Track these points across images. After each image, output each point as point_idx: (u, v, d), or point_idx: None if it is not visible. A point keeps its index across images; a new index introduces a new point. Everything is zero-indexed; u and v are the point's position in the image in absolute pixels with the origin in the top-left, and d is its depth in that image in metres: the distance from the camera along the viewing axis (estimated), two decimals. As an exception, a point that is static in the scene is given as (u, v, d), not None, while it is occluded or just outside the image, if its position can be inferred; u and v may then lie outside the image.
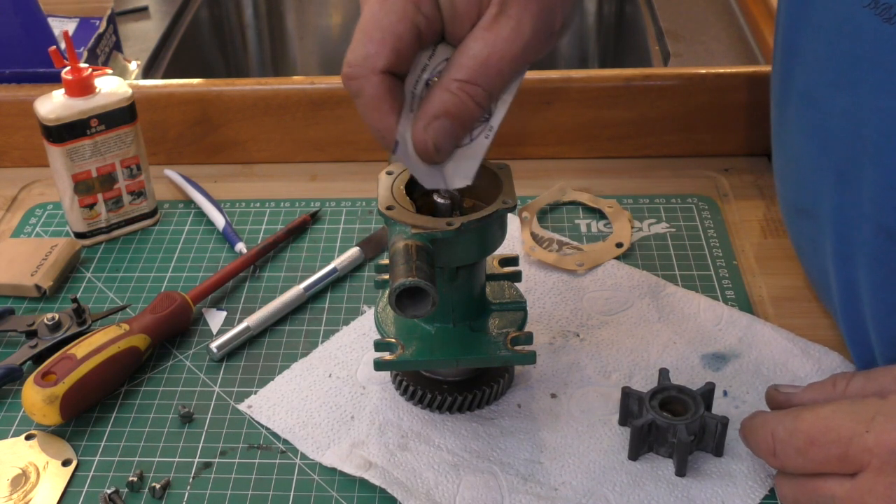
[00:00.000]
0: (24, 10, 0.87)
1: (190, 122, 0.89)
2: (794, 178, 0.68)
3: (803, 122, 0.64)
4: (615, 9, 1.36)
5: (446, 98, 0.51)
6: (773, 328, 0.67)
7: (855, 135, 0.57)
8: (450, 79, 0.52)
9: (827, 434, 0.49)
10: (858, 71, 0.56)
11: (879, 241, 0.58)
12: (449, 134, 0.52)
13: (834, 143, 0.60)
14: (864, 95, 0.56)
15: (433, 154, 0.52)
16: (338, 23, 1.47)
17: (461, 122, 0.52)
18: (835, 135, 0.60)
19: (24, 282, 0.74)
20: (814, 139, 0.63)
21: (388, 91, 0.51)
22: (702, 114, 0.87)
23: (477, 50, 0.51)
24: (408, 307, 0.53)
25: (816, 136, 0.62)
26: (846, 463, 0.49)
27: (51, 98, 0.75)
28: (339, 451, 0.60)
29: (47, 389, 0.61)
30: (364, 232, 0.80)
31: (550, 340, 0.68)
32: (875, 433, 0.48)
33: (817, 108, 0.61)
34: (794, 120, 0.66)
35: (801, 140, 0.65)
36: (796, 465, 0.51)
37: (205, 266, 0.77)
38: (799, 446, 0.50)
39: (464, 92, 0.51)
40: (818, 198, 0.63)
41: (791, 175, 0.69)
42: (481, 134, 0.55)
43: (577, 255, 0.75)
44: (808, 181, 0.65)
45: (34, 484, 0.60)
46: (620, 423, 0.61)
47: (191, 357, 0.69)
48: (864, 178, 0.57)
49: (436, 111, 0.51)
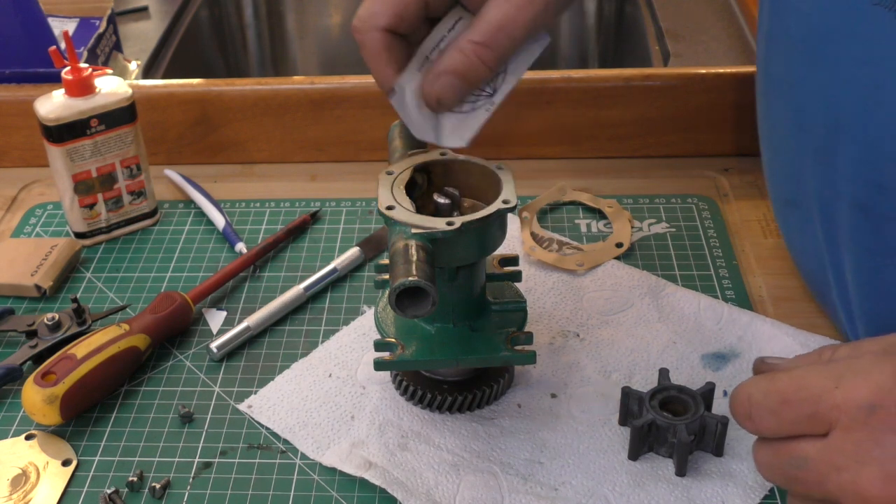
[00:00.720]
0: (24, 10, 0.87)
1: (190, 122, 0.89)
2: (779, 169, 0.69)
3: (781, 106, 0.65)
4: (615, 9, 1.36)
5: (457, 57, 0.56)
6: (774, 324, 0.67)
7: (829, 112, 0.58)
8: (465, 40, 0.56)
9: (799, 392, 0.48)
10: (832, 45, 0.57)
11: (856, 218, 0.58)
12: (454, 89, 0.56)
13: (810, 124, 0.61)
14: (838, 70, 0.57)
15: (434, 105, 0.57)
16: (338, 23, 1.47)
17: (468, 81, 0.56)
18: (811, 115, 0.60)
19: (24, 282, 0.74)
20: (792, 123, 0.63)
21: (386, 47, 0.57)
22: (702, 114, 0.87)
23: (492, 15, 0.55)
24: (408, 307, 0.53)
25: (794, 120, 0.63)
26: (817, 422, 0.47)
27: (51, 98, 0.75)
28: (339, 451, 0.60)
29: (47, 389, 0.61)
30: (364, 232, 0.80)
31: (550, 340, 0.68)
32: (843, 389, 0.46)
33: (794, 90, 0.62)
34: (773, 107, 0.67)
35: (782, 126, 0.66)
36: (770, 427, 0.49)
37: (205, 266, 0.77)
38: (772, 406, 0.49)
39: (475, 53, 0.55)
40: (801, 184, 0.63)
41: (776, 165, 0.69)
42: (483, 107, 0.58)
43: (577, 255, 0.75)
44: (790, 168, 0.65)
45: (34, 484, 0.60)
46: (620, 423, 0.61)
47: (191, 357, 0.69)
48: (839, 155, 0.58)
49: (445, 67, 0.56)
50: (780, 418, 0.49)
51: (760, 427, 0.50)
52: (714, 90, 0.86)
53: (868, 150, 0.56)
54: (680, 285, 0.73)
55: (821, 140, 0.60)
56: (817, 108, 0.59)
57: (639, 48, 1.22)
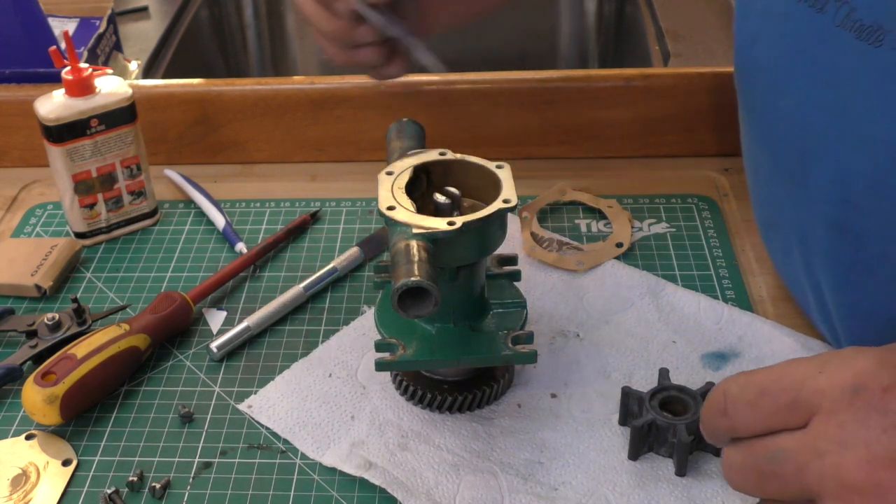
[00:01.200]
0: (24, 10, 0.87)
1: (190, 122, 0.89)
2: (758, 192, 0.69)
3: (755, 134, 0.65)
4: (615, 9, 1.37)
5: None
6: (774, 325, 0.67)
7: (800, 135, 0.58)
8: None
9: (779, 381, 0.46)
10: (800, 66, 0.57)
11: (832, 238, 0.58)
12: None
13: (783, 148, 0.61)
14: (805, 94, 0.57)
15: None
16: (338, 23, 1.46)
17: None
18: (783, 139, 0.61)
19: (24, 282, 0.74)
20: (766, 147, 0.64)
21: None
22: (702, 114, 0.87)
23: None
24: (410, 307, 0.53)
25: (767, 144, 0.63)
26: (797, 410, 0.45)
27: (51, 98, 0.75)
28: (339, 451, 0.60)
29: (47, 389, 0.61)
30: (364, 232, 0.80)
31: (550, 340, 0.68)
32: (828, 374, 0.45)
33: (765, 115, 0.62)
34: (747, 134, 0.67)
35: (757, 151, 0.66)
36: (746, 421, 0.47)
37: (205, 266, 0.77)
38: (750, 399, 0.47)
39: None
40: (779, 208, 0.64)
41: (756, 189, 0.70)
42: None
43: (577, 255, 0.75)
44: (768, 192, 0.66)
45: (34, 484, 0.60)
46: (620, 423, 0.61)
47: (191, 357, 0.69)
48: (812, 177, 0.58)
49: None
50: (758, 410, 0.46)
51: (736, 421, 0.47)
52: (714, 90, 0.86)
53: (840, 170, 0.56)
54: (680, 285, 0.73)
55: (793, 164, 0.60)
56: (789, 133, 0.60)
57: (639, 48, 1.22)
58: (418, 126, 0.66)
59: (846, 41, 0.53)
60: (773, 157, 0.63)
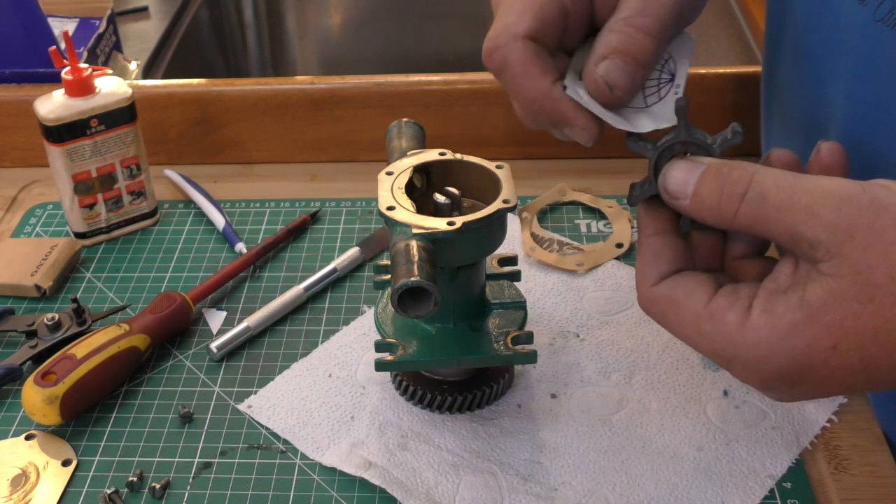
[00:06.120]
0: (24, 10, 0.87)
1: (190, 122, 0.89)
2: None
3: (787, 117, 0.64)
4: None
5: (612, 38, 0.50)
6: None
7: (827, 127, 0.57)
8: (614, 20, 0.51)
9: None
10: (836, 60, 0.57)
11: None
12: (621, 70, 0.50)
13: (812, 139, 0.60)
14: (843, 84, 0.56)
15: (606, 92, 0.50)
16: (338, 23, 1.47)
17: (633, 57, 0.50)
18: (811, 129, 0.60)
19: (24, 282, 0.74)
20: (799, 132, 0.62)
21: (534, 54, 0.50)
22: (702, 114, 0.87)
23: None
24: (410, 307, 0.53)
25: (801, 130, 0.62)
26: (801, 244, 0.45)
27: (51, 98, 0.75)
28: (339, 451, 0.60)
29: (47, 389, 0.61)
30: (364, 232, 0.80)
31: (550, 340, 0.68)
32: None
33: (795, 104, 0.61)
34: (778, 116, 0.66)
35: (787, 134, 0.65)
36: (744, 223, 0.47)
37: (205, 266, 0.77)
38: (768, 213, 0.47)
39: (630, 26, 0.50)
40: None
41: None
42: (669, 92, 0.53)
43: (577, 256, 0.76)
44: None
45: (34, 484, 0.60)
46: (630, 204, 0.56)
47: (191, 357, 0.69)
48: (853, 169, 0.58)
49: (604, 51, 0.50)
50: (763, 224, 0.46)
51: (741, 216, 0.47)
52: (714, 90, 0.86)
53: (875, 163, 0.56)
54: (680, 285, 0.72)
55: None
56: (816, 124, 0.59)
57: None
58: (418, 126, 0.66)
59: (885, 36, 0.53)
60: (807, 140, 0.61)
